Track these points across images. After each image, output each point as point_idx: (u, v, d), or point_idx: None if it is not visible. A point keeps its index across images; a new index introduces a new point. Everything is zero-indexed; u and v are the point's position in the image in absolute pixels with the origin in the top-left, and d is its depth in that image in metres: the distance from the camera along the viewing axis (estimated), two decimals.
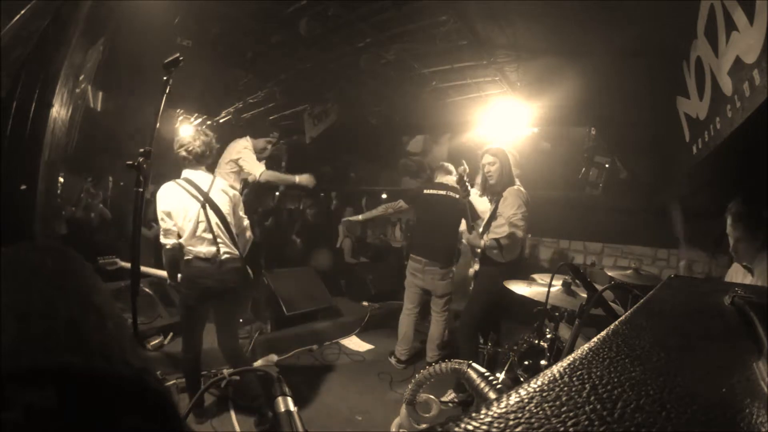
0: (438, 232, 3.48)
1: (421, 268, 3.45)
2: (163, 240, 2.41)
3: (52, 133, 2.16)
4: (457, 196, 3.46)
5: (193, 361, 2.52)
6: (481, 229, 2.93)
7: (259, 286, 3.80)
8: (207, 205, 2.38)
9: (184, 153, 2.42)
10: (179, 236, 2.40)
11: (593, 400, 0.28)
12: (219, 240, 2.41)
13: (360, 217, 4.30)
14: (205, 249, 2.39)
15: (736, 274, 1.90)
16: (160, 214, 2.37)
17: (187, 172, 2.45)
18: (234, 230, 2.49)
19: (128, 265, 3.10)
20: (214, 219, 2.40)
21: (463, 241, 2.99)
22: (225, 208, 2.44)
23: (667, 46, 2.81)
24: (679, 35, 2.51)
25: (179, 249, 2.41)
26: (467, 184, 2.86)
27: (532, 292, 2.29)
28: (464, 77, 4.63)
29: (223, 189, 2.48)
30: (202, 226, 2.39)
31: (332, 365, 3.53)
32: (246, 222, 2.62)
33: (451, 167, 3.66)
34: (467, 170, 2.92)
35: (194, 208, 2.37)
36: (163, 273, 2.60)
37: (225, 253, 2.43)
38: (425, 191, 3.54)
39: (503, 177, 2.87)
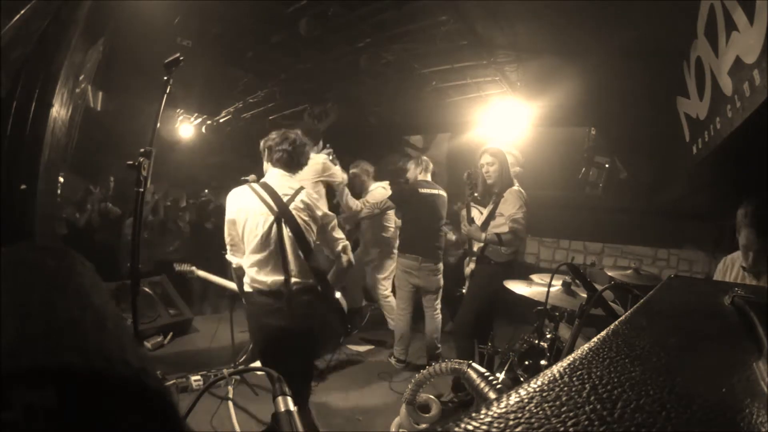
0: (430, 229, 3.56)
1: (417, 265, 3.50)
2: (229, 257, 2.05)
3: (52, 133, 2.17)
4: (444, 194, 3.59)
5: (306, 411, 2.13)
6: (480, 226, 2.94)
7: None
8: (282, 219, 1.97)
9: (281, 152, 2.06)
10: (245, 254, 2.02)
11: (593, 400, 0.28)
12: (289, 266, 1.97)
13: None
14: (269, 278, 1.96)
15: (730, 271, 1.87)
16: (226, 225, 2.02)
17: (272, 175, 2.07)
18: (313, 254, 2.07)
19: (206, 274, 3.08)
20: (289, 239, 1.98)
21: (463, 232, 2.98)
22: (307, 226, 2.03)
23: (667, 46, 2.81)
24: (679, 35, 2.52)
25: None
26: (473, 184, 2.90)
27: (532, 292, 2.29)
28: (464, 77, 4.63)
29: (308, 202, 2.07)
30: (271, 244, 1.96)
31: (332, 365, 3.52)
32: (342, 245, 2.18)
33: (431, 164, 3.73)
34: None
35: (264, 219, 1.96)
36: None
37: (296, 283, 1.98)
38: (420, 190, 3.56)
39: (502, 177, 2.88)
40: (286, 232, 1.97)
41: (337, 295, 2.30)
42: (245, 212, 1.98)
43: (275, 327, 1.98)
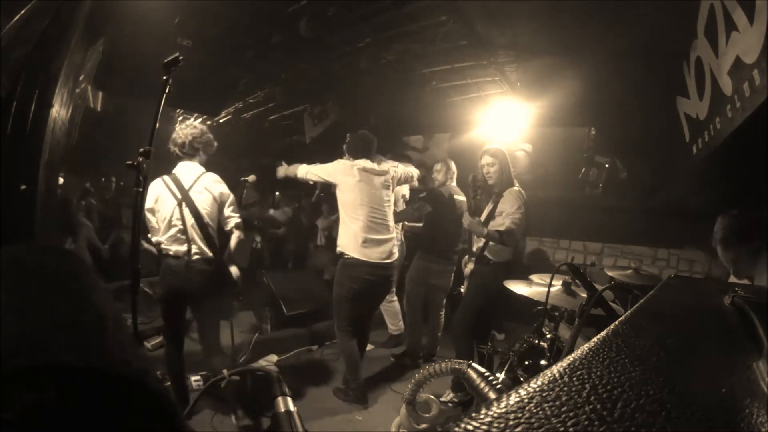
0: (456, 234, 3.63)
1: (441, 270, 3.59)
2: (153, 238, 2.41)
3: (52, 133, 2.17)
4: (465, 200, 3.62)
5: (176, 359, 2.51)
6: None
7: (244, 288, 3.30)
8: (184, 203, 2.35)
9: (172, 147, 2.43)
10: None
11: (593, 400, 0.28)
12: (192, 241, 2.36)
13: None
14: (176, 247, 2.37)
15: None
16: (146, 213, 2.39)
17: (178, 167, 2.44)
18: (212, 231, 2.43)
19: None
20: (189, 219, 2.36)
21: (465, 225, 2.99)
22: (205, 207, 2.39)
23: (667, 46, 2.81)
24: (679, 35, 2.51)
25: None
26: (477, 186, 2.92)
27: (532, 292, 2.29)
28: (464, 77, 4.64)
29: (207, 186, 2.42)
30: (177, 225, 2.35)
31: (332, 365, 3.52)
32: (234, 221, 2.50)
33: (455, 171, 3.76)
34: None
35: (170, 206, 2.35)
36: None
37: (196, 253, 2.37)
38: (456, 196, 3.60)
39: (502, 178, 2.88)
40: (188, 216, 2.34)
41: (233, 269, 2.52)
42: (158, 201, 2.36)
43: (177, 285, 2.36)
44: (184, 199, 2.35)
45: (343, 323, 2.86)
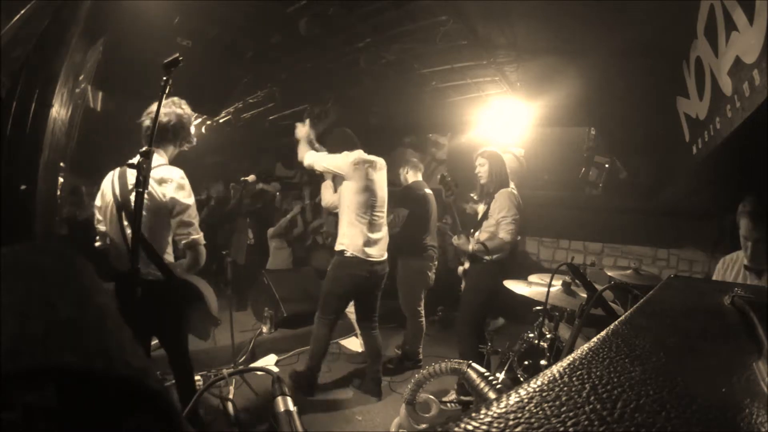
0: (435, 229, 3.61)
1: (430, 265, 3.59)
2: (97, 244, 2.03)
3: (52, 133, 2.17)
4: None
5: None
6: (471, 229, 2.96)
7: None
8: (124, 209, 1.86)
9: (148, 122, 1.89)
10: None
11: (593, 400, 0.28)
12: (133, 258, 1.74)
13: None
14: (119, 265, 1.86)
15: (730, 270, 1.89)
16: (96, 211, 2.04)
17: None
18: (150, 247, 1.85)
19: None
20: (128, 229, 1.82)
21: (454, 243, 2.99)
22: (146, 214, 1.78)
23: (667, 46, 2.81)
24: (679, 35, 2.51)
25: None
26: (451, 185, 2.91)
27: (532, 292, 2.29)
28: (464, 77, 4.63)
29: (150, 190, 1.81)
30: (113, 234, 1.91)
31: (331, 365, 3.52)
32: (191, 239, 1.92)
33: (421, 164, 3.79)
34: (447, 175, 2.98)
35: (110, 209, 1.95)
36: None
37: (142, 275, 1.74)
38: (427, 191, 3.59)
39: (493, 178, 2.90)
40: (126, 223, 1.85)
41: (202, 287, 2.03)
42: (102, 200, 1.99)
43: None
44: (124, 203, 1.90)
45: (329, 316, 2.89)
